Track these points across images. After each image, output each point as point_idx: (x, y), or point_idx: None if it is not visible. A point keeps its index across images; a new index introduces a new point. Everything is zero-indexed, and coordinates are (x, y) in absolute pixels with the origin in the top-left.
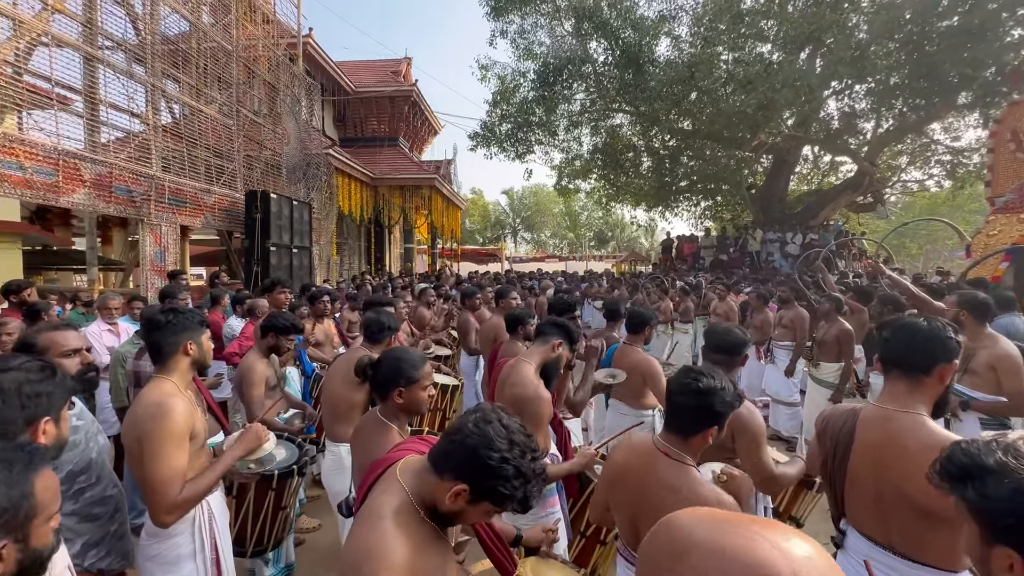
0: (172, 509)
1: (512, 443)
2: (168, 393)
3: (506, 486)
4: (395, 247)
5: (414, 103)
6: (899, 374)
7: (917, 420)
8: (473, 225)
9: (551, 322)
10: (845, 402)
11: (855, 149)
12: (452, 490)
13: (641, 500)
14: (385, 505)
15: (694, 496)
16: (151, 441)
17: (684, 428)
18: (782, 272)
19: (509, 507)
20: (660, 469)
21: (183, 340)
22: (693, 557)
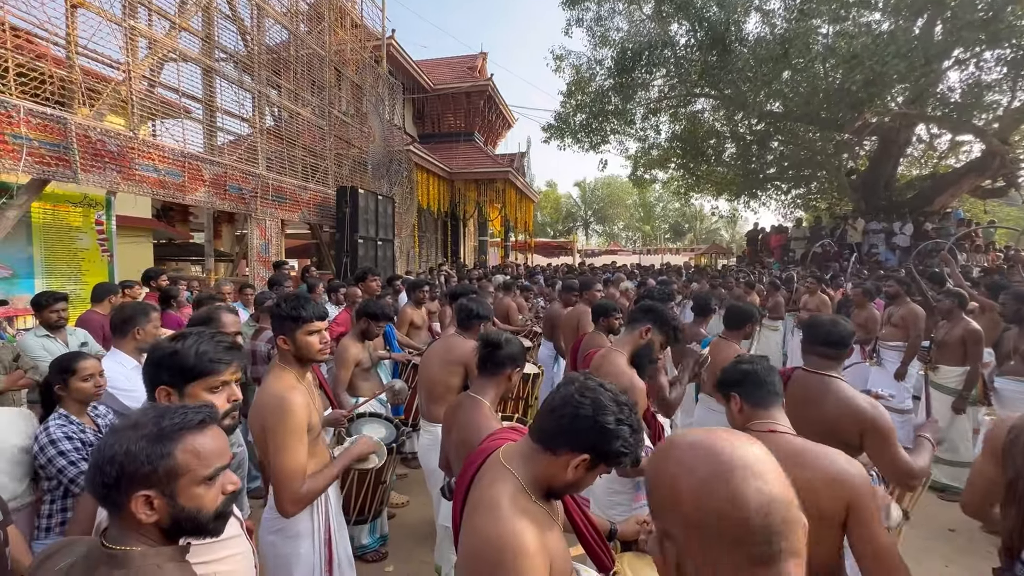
0: (296, 501)
1: (619, 403)
2: (289, 386)
3: (626, 445)
4: (470, 240)
5: (489, 97)
6: None
7: None
8: (545, 218)
9: (640, 307)
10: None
11: (983, 126)
12: (573, 462)
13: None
14: (501, 494)
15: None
16: (275, 435)
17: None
18: (887, 265)
19: (626, 463)
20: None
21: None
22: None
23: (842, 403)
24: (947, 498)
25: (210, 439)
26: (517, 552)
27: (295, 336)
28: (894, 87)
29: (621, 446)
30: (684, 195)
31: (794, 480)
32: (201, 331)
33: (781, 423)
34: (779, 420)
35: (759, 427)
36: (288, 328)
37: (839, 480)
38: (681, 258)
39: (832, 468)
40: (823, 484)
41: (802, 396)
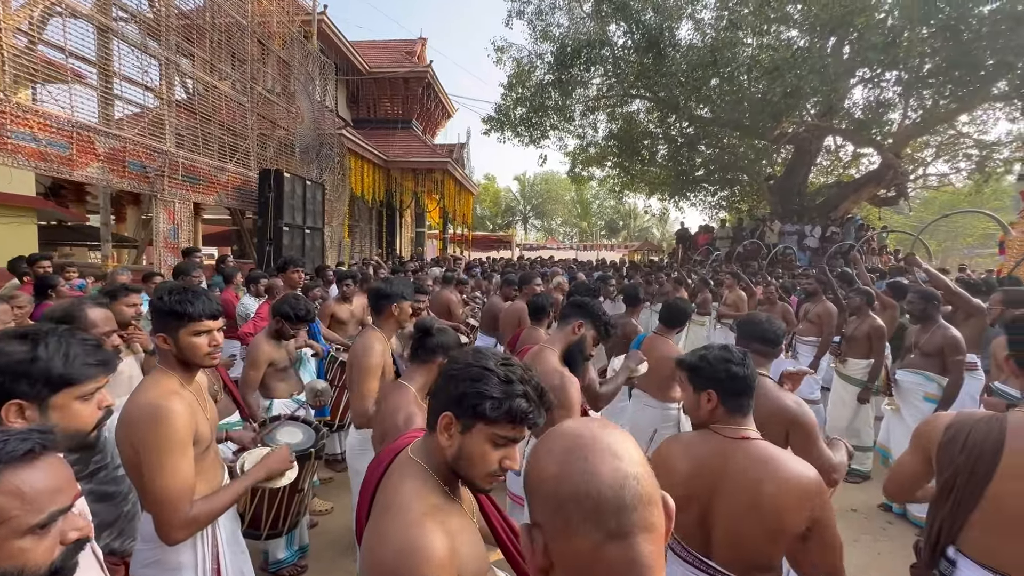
0: (184, 525)
1: (481, 354)
2: (167, 393)
3: (484, 388)
4: (406, 231)
5: (428, 85)
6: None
7: None
8: (484, 211)
9: (572, 303)
10: (873, 400)
11: (880, 141)
12: (440, 425)
13: (718, 492)
14: (408, 492)
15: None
16: (150, 451)
17: (750, 404)
18: (800, 265)
19: (498, 414)
20: (738, 453)
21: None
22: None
23: (770, 401)
24: (851, 480)
25: (42, 474)
26: (424, 561)
27: (178, 336)
28: (809, 100)
29: (479, 390)
30: (619, 193)
31: (767, 489)
32: (59, 329)
33: (753, 430)
34: (750, 425)
35: (732, 433)
36: (170, 326)
37: (808, 491)
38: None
39: (803, 479)
40: (794, 497)
41: None
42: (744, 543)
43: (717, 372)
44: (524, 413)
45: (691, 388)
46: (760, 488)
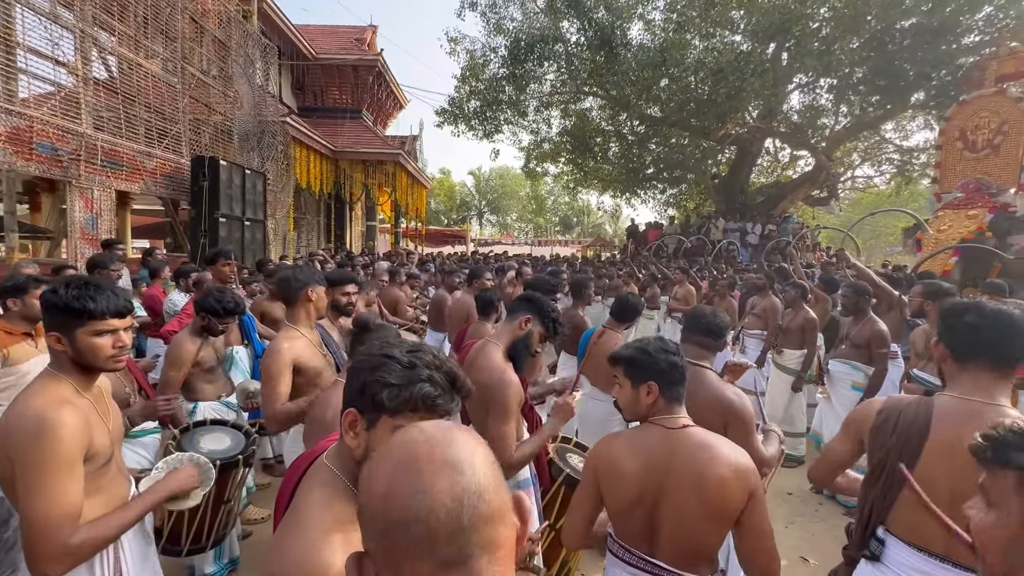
0: (58, 557)
1: (387, 343)
2: (56, 401)
3: (383, 376)
4: (357, 224)
5: (379, 74)
6: (987, 364)
7: (1008, 412)
8: (439, 205)
9: (521, 297)
10: (806, 388)
11: (814, 144)
12: (344, 424)
13: (666, 486)
14: (314, 503)
15: (725, 450)
16: (28, 469)
17: (681, 393)
18: (742, 261)
19: (398, 402)
20: (682, 443)
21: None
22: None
23: (711, 393)
24: (786, 465)
25: None
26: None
27: (75, 335)
28: (751, 102)
29: (379, 379)
30: (573, 189)
31: (711, 472)
32: None
33: (687, 417)
34: (685, 414)
35: (672, 423)
36: (65, 324)
37: (746, 472)
38: (569, 249)
39: (740, 460)
40: (734, 477)
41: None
42: (690, 533)
43: (658, 363)
44: (429, 399)
45: (628, 383)
46: (705, 472)
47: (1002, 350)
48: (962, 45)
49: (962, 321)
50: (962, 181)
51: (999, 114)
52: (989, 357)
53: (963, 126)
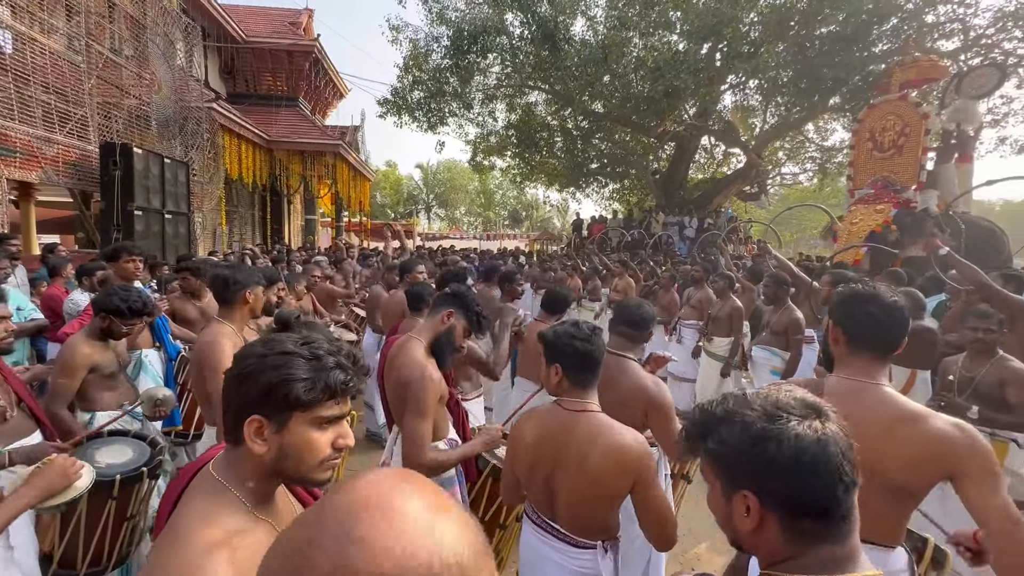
0: None
1: (274, 341)
2: None
3: (291, 373)
4: (296, 218)
5: (316, 60)
6: (869, 346)
7: (887, 391)
8: (384, 199)
9: (444, 291)
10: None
11: (745, 142)
12: (248, 432)
13: (560, 461)
14: (195, 518)
15: (619, 441)
16: None
17: (593, 378)
18: (679, 254)
19: (315, 394)
20: (578, 426)
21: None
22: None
23: (631, 383)
24: None
25: None
26: None
27: None
28: (687, 101)
29: (286, 376)
30: (520, 183)
31: (593, 457)
32: None
33: (593, 402)
34: (592, 399)
35: (572, 405)
36: None
37: (631, 460)
38: (519, 243)
39: (627, 449)
40: (615, 465)
41: (603, 376)
42: (579, 507)
43: (563, 347)
44: (344, 384)
45: (543, 361)
46: (588, 456)
47: (889, 338)
48: (872, 53)
49: (864, 311)
50: (872, 179)
51: (902, 118)
52: (877, 344)
53: (872, 128)
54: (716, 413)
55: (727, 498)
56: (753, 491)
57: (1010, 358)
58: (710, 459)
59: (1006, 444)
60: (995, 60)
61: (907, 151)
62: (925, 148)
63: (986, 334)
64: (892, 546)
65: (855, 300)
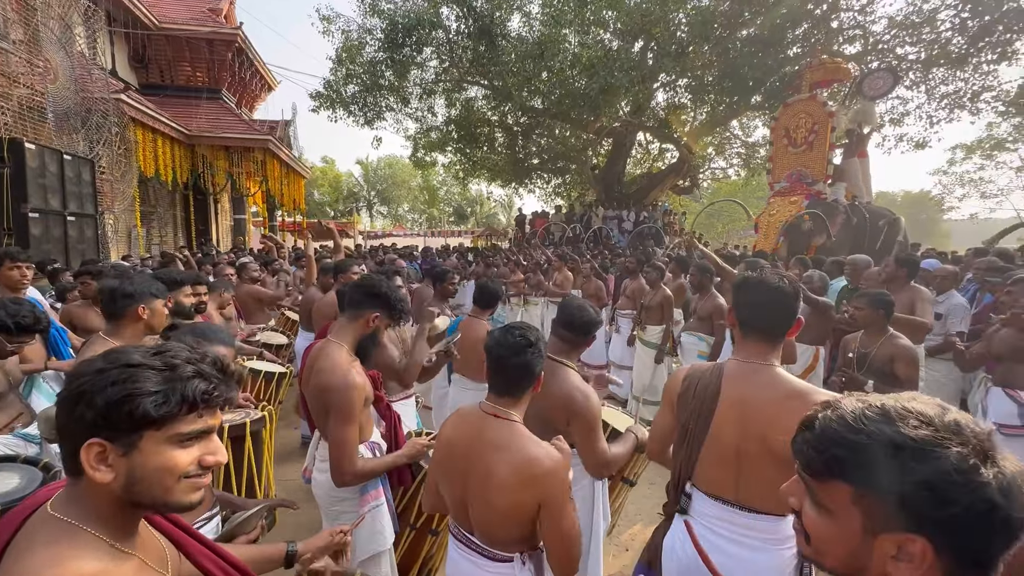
0: None
1: (116, 354)
2: None
3: (138, 388)
4: (224, 218)
5: (240, 50)
6: (761, 330)
7: (778, 371)
8: (323, 197)
9: (364, 290)
10: (667, 360)
11: (678, 138)
12: (86, 461)
13: (470, 467)
14: (40, 566)
15: (525, 456)
16: None
17: (510, 386)
18: (618, 246)
19: (169, 408)
20: (488, 433)
21: None
22: None
23: (560, 389)
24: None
25: None
26: None
27: None
28: (621, 98)
29: (132, 391)
30: (463, 179)
31: (497, 469)
32: None
33: (512, 411)
34: (511, 406)
35: (488, 409)
36: None
37: (534, 480)
38: (464, 240)
39: (532, 467)
40: (517, 483)
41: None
42: (490, 518)
43: (487, 348)
44: (206, 394)
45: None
46: (494, 465)
47: (774, 321)
48: (787, 56)
49: (751, 296)
50: (788, 172)
51: (812, 116)
52: (765, 327)
53: (787, 125)
54: (891, 438)
55: (869, 535)
56: (926, 536)
57: (900, 336)
58: (864, 492)
59: None
60: (890, 65)
61: (817, 147)
62: (832, 144)
63: (857, 311)
64: (784, 515)
65: (745, 286)
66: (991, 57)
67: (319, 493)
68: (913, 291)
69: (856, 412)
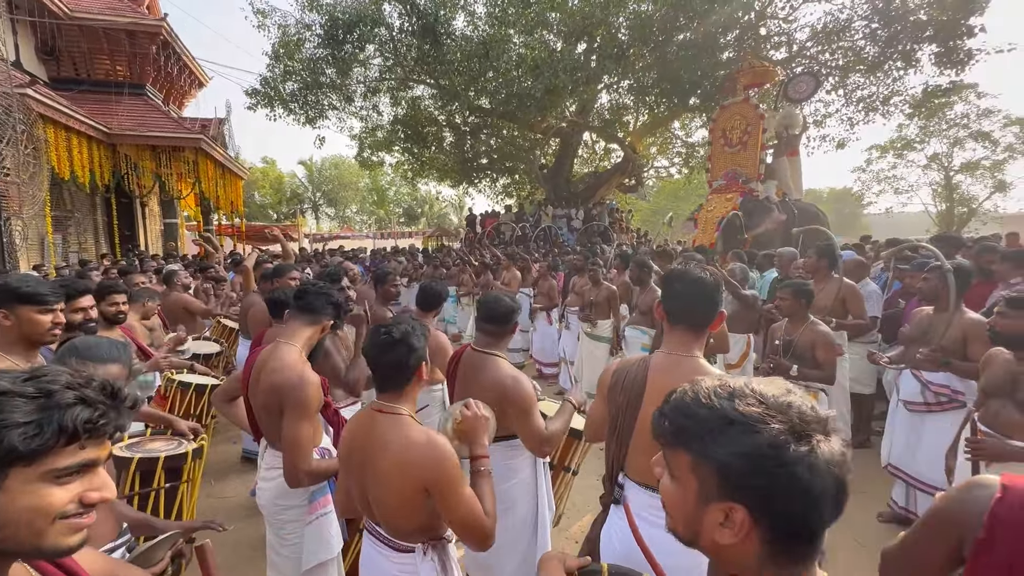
0: None
1: (3, 377)
2: None
3: (4, 418)
4: (153, 222)
5: (165, 43)
6: (686, 323)
7: (700, 362)
8: (264, 199)
9: (319, 296)
10: (619, 354)
11: (622, 138)
12: None
13: (364, 462)
14: None
15: (404, 444)
16: None
17: (388, 382)
18: (568, 245)
19: (42, 441)
20: (376, 428)
21: None
22: None
23: (489, 378)
24: None
25: None
26: None
27: None
28: (566, 98)
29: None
30: (411, 179)
31: (383, 459)
32: None
33: (400, 405)
34: (397, 401)
35: (375, 405)
36: None
37: (418, 467)
38: (415, 241)
39: (415, 456)
40: (398, 473)
41: (468, 374)
42: (386, 510)
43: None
44: (90, 423)
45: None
46: (378, 459)
47: (696, 312)
48: (720, 60)
49: (673, 288)
50: (724, 171)
51: (745, 118)
52: (686, 318)
53: (724, 126)
54: (725, 412)
55: (702, 502)
56: (745, 505)
57: (819, 323)
58: (699, 461)
59: (816, 395)
60: (812, 70)
61: (750, 147)
62: (763, 144)
63: (782, 301)
64: None
65: (670, 279)
66: (898, 64)
67: (264, 502)
68: (838, 283)
69: (709, 389)
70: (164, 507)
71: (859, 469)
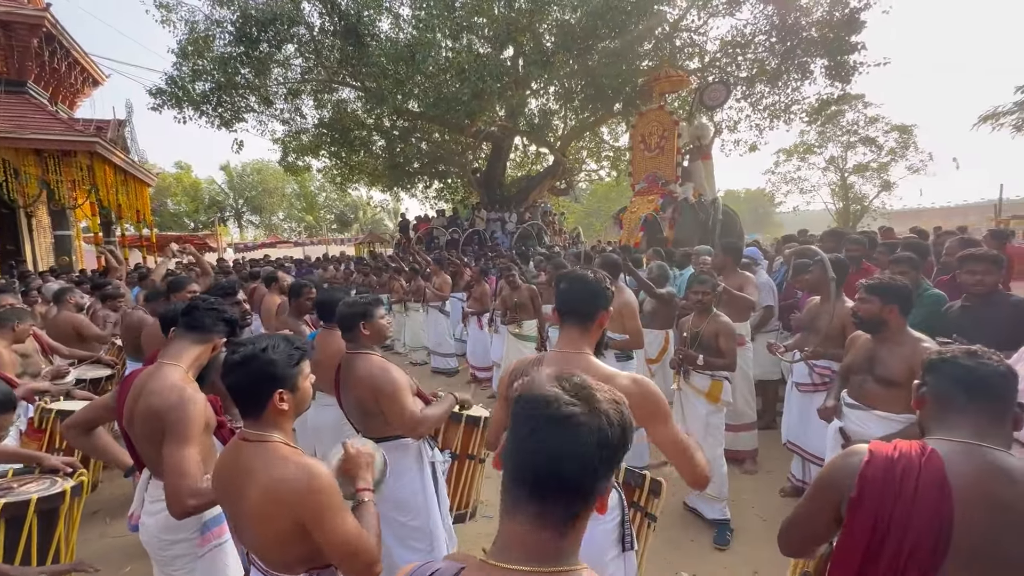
0: None
1: None
2: None
3: None
4: (41, 235)
5: (50, 36)
6: (573, 321)
7: (589, 358)
8: (179, 207)
9: (218, 315)
10: None
11: (552, 142)
12: None
13: (233, 494)
14: None
15: (270, 476)
16: None
17: (247, 406)
18: (503, 248)
19: None
20: (241, 459)
21: None
22: None
23: (359, 374)
24: None
25: None
26: None
27: None
28: (494, 102)
29: None
30: (340, 184)
31: (248, 488)
32: None
33: (271, 432)
34: (266, 428)
35: (240, 434)
36: None
37: (286, 495)
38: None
39: (284, 482)
40: (272, 498)
41: (345, 375)
42: (260, 543)
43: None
44: None
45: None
46: (245, 492)
47: (578, 308)
48: (641, 67)
49: (560, 288)
50: (645, 174)
51: (662, 124)
52: (575, 316)
53: (643, 132)
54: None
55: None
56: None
57: (721, 314)
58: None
59: (721, 382)
60: (724, 79)
61: (667, 151)
62: (679, 149)
63: (703, 296)
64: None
65: (557, 280)
66: (796, 76)
67: (148, 538)
68: (741, 276)
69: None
70: (37, 553)
71: (765, 450)
